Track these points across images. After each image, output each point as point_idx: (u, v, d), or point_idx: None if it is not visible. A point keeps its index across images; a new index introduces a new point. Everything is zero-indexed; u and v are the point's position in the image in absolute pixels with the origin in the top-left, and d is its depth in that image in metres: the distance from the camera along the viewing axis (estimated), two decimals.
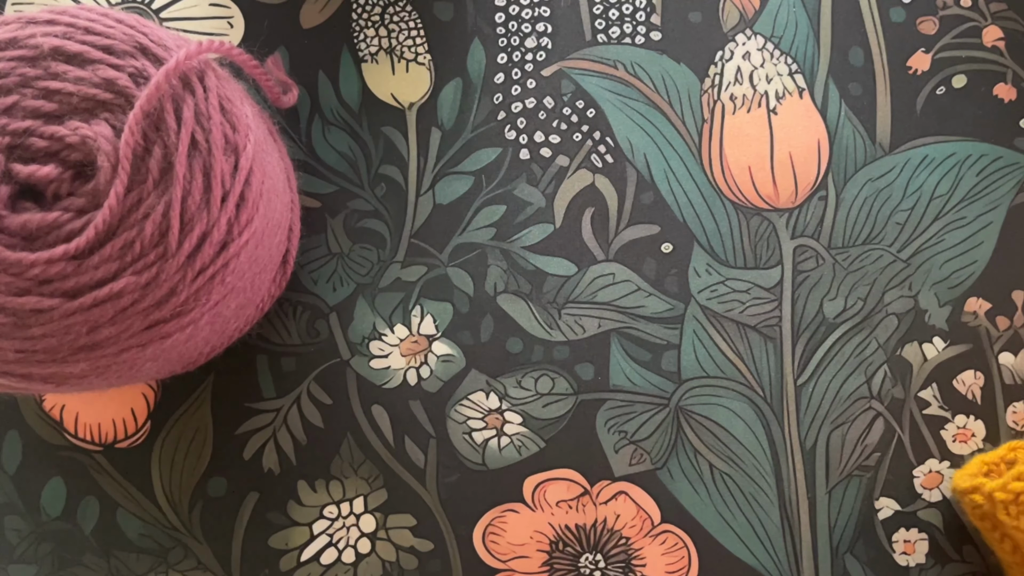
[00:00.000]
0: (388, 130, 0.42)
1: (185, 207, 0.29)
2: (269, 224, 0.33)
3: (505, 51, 0.43)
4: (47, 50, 0.30)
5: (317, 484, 0.41)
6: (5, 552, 0.40)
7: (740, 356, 0.42)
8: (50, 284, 0.29)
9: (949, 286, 0.42)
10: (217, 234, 0.30)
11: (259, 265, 0.34)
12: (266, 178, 0.33)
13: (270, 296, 0.38)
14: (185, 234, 0.30)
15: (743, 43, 0.43)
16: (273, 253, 0.35)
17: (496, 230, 0.42)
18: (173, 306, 0.30)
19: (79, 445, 0.40)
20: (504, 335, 0.41)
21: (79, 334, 0.30)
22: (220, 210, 0.30)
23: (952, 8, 0.43)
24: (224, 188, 0.30)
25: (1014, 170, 0.43)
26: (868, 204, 0.42)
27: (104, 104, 0.30)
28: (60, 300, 0.29)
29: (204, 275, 0.30)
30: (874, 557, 0.41)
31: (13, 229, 0.29)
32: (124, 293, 0.29)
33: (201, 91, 0.31)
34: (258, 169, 0.32)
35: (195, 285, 0.30)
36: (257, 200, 0.31)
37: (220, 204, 0.30)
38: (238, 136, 0.31)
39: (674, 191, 0.42)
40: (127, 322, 0.30)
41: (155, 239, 0.29)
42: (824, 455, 0.42)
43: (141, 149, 0.29)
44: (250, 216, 0.31)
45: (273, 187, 0.34)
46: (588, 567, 0.41)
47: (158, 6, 0.42)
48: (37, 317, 0.29)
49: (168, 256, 0.29)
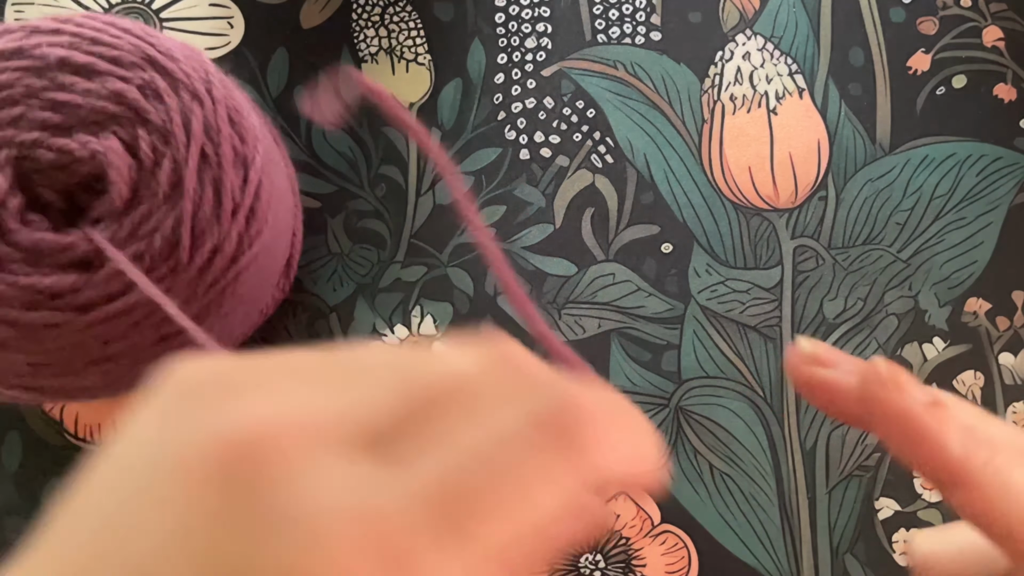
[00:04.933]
0: (388, 130, 0.42)
1: (196, 221, 0.29)
2: (276, 233, 0.33)
3: (505, 51, 0.43)
4: (53, 61, 0.30)
5: None
6: (5, 552, 0.40)
7: (740, 356, 0.42)
8: (61, 299, 0.29)
9: (949, 286, 0.42)
10: (228, 248, 0.30)
11: (266, 273, 0.34)
12: (274, 188, 0.32)
13: (274, 300, 0.38)
14: (196, 248, 0.29)
15: (743, 43, 0.43)
16: (278, 259, 0.35)
17: (496, 230, 0.42)
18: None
19: (79, 445, 0.40)
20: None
21: (91, 348, 0.29)
22: (231, 224, 0.30)
23: (952, 8, 0.43)
24: (235, 202, 0.30)
25: (1014, 170, 0.43)
26: (868, 204, 0.42)
27: (113, 117, 0.30)
28: (72, 314, 0.29)
29: (216, 288, 0.30)
30: (874, 557, 0.41)
31: (25, 246, 0.29)
32: (135, 307, 0.29)
33: (210, 103, 0.30)
34: (267, 180, 0.32)
35: (207, 298, 0.30)
36: (266, 212, 0.31)
37: (231, 218, 0.30)
38: (247, 148, 0.31)
39: (674, 191, 0.42)
40: (138, 335, 0.29)
41: (165, 253, 0.29)
42: (824, 455, 0.42)
43: (151, 162, 0.29)
44: (259, 228, 0.31)
45: (279, 196, 0.33)
46: (588, 567, 0.41)
47: (158, 6, 0.42)
48: (48, 331, 0.29)
49: (179, 270, 0.29)
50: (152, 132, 0.29)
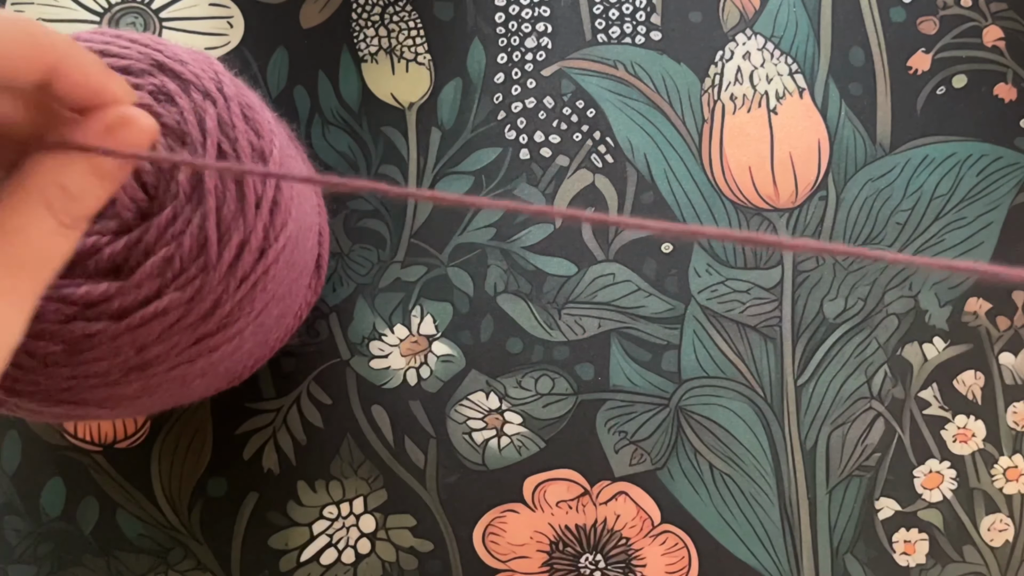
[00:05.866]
0: (388, 130, 0.42)
1: (221, 217, 0.29)
2: (302, 228, 0.33)
3: (505, 51, 0.43)
4: None
5: (317, 484, 0.41)
6: (5, 552, 0.40)
7: (740, 356, 0.42)
8: (95, 307, 0.29)
9: (949, 286, 0.42)
10: (255, 241, 0.30)
11: (296, 270, 0.34)
12: None
13: (307, 303, 0.38)
14: (224, 244, 0.29)
15: (743, 43, 0.43)
16: (307, 258, 0.35)
17: (496, 230, 0.42)
18: (219, 318, 0.30)
19: (79, 445, 0.40)
20: (504, 335, 0.41)
21: (128, 355, 0.29)
22: (255, 217, 0.30)
23: (952, 8, 0.43)
24: (257, 194, 0.30)
25: (1014, 170, 0.43)
26: (868, 204, 0.42)
27: None
28: (107, 323, 0.29)
29: (247, 283, 0.30)
30: (874, 557, 0.41)
31: None
32: (169, 309, 0.29)
33: (222, 100, 0.31)
34: (286, 171, 0.32)
35: (238, 295, 0.30)
36: (289, 203, 0.31)
37: (255, 211, 0.30)
38: (263, 142, 0.31)
39: (674, 191, 0.42)
40: (175, 338, 0.30)
41: (194, 252, 0.29)
42: (824, 455, 0.42)
43: (169, 164, 0.29)
44: (284, 220, 0.31)
45: (301, 190, 0.34)
46: (588, 567, 0.41)
47: (158, 6, 0.42)
48: (86, 342, 0.29)
49: (209, 268, 0.29)
50: (168, 135, 0.29)
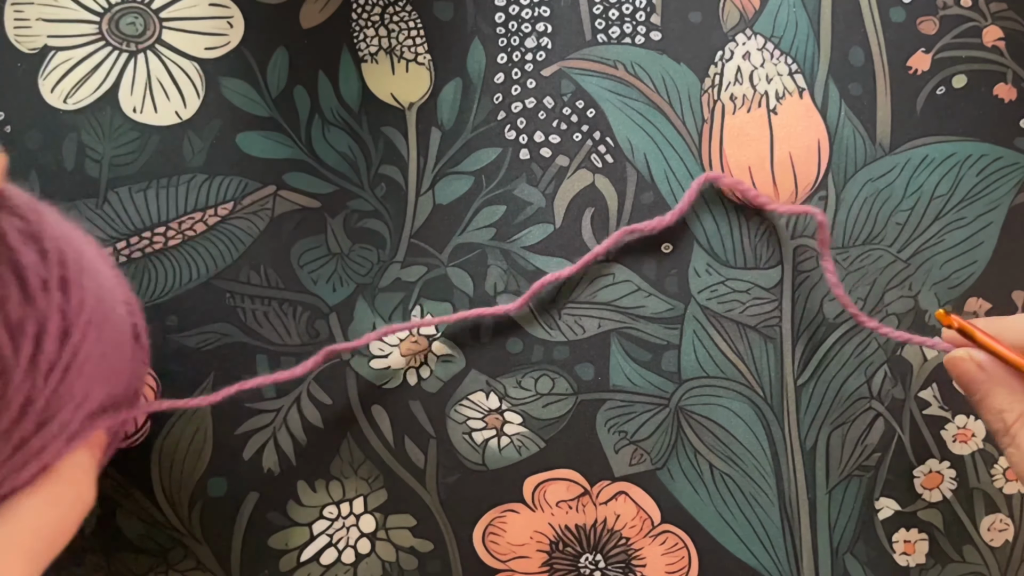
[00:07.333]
0: (388, 130, 0.42)
1: (7, 312, 0.26)
2: (104, 300, 0.30)
3: (505, 51, 0.43)
4: None
5: (317, 484, 0.41)
6: None
7: (740, 356, 0.42)
8: None
9: (949, 286, 0.42)
10: (53, 327, 0.27)
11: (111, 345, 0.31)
12: (80, 255, 0.30)
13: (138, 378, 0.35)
14: (19, 338, 0.26)
15: (743, 43, 0.43)
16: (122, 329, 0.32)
17: (496, 230, 0.42)
18: (35, 416, 0.27)
19: None
20: (504, 335, 0.41)
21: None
22: (47, 301, 0.27)
23: (952, 8, 0.43)
24: (40, 276, 0.27)
25: (1014, 170, 0.43)
26: (868, 204, 0.42)
27: None
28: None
29: (56, 372, 0.27)
30: (874, 557, 0.41)
31: None
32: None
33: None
34: (67, 247, 0.29)
35: (48, 387, 0.27)
36: (80, 278, 0.29)
37: (43, 294, 0.27)
38: (31, 225, 0.28)
39: (674, 191, 0.42)
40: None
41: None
42: (824, 455, 0.42)
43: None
44: (80, 297, 0.28)
45: (92, 261, 0.31)
46: (588, 567, 0.41)
47: (158, 6, 0.42)
48: None
49: (8, 368, 0.26)
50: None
